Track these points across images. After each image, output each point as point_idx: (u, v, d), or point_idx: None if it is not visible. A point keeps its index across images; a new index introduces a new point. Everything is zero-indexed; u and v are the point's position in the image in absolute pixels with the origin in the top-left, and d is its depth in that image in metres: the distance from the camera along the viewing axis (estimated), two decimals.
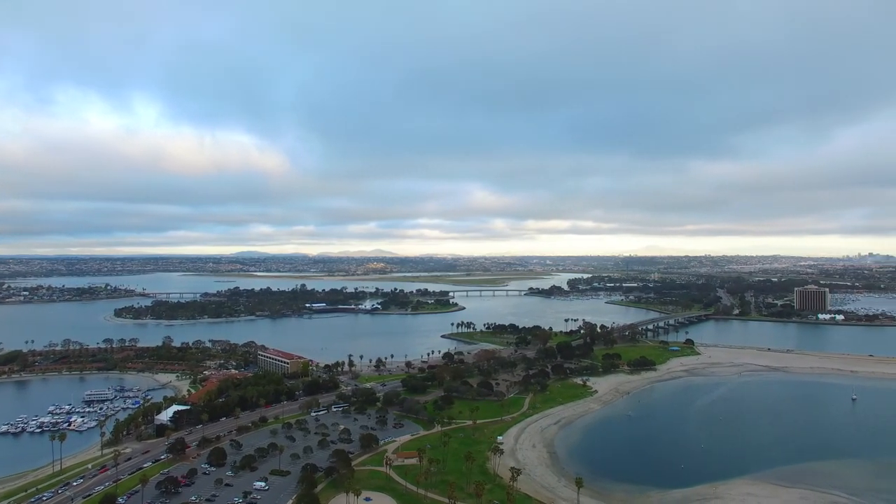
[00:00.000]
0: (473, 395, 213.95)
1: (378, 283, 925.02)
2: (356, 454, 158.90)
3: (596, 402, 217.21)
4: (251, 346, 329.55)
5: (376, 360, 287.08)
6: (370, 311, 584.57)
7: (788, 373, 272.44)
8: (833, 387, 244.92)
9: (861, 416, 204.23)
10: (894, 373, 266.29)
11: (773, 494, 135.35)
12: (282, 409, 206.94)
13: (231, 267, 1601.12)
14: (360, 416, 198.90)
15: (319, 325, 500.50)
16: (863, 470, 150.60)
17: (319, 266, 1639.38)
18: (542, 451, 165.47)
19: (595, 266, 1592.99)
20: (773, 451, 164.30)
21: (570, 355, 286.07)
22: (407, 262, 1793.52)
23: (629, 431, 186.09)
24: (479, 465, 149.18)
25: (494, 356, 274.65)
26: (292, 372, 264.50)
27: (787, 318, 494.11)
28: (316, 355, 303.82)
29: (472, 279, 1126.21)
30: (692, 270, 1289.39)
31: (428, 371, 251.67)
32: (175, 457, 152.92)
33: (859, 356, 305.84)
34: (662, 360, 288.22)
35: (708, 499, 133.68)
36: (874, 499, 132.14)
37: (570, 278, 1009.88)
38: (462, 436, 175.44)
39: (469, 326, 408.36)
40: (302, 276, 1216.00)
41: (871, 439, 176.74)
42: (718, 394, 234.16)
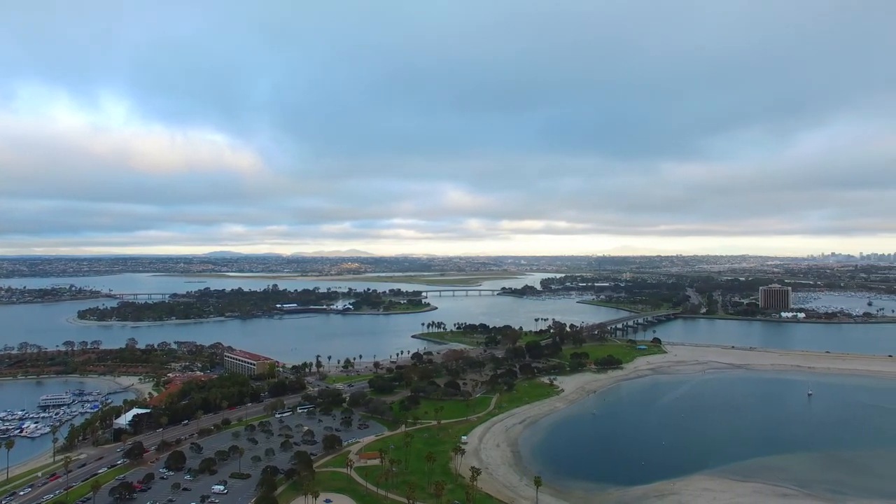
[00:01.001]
0: (440, 395, 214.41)
1: (351, 284, 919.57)
2: (319, 456, 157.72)
3: (562, 401, 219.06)
4: (218, 347, 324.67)
5: (345, 361, 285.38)
6: (342, 312, 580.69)
7: (750, 370, 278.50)
8: (791, 383, 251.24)
9: (815, 410, 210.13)
10: (848, 368, 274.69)
11: (727, 489, 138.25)
12: (245, 411, 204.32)
13: (203, 267, 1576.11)
14: (326, 417, 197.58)
15: (290, 325, 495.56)
16: (813, 462, 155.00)
17: (293, 266, 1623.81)
18: (506, 451, 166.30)
19: (568, 266, 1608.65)
20: (731, 447, 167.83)
21: (538, 355, 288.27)
22: (382, 262, 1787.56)
23: (593, 430, 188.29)
24: (442, 465, 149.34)
25: (463, 356, 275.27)
26: (259, 373, 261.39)
27: (751, 316, 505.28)
28: (285, 356, 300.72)
29: (446, 279, 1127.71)
30: (663, 270, 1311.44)
31: (396, 371, 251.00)
32: (132, 462, 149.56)
33: (817, 353, 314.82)
34: (629, 359, 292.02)
35: (665, 495, 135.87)
36: (821, 489, 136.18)
37: (543, 278, 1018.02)
38: (427, 436, 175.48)
39: (440, 326, 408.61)
40: (275, 276, 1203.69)
41: (823, 432, 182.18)
42: (682, 391, 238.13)
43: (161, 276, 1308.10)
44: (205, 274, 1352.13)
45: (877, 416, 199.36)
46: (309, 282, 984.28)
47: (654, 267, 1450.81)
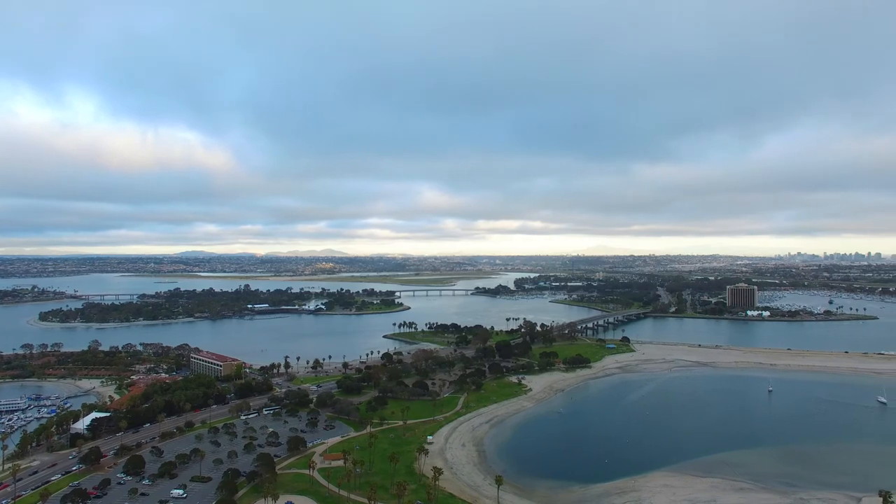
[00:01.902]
0: (408, 396, 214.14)
1: (325, 284, 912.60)
2: (283, 457, 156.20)
3: (530, 400, 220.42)
4: (184, 348, 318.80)
5: (314, 362, 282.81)
6: (314, 312, 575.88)
7: (715, 367, 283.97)
8: (753, 379, 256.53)
9: (775, 406, 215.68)
10: (807, 365, 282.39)
11: (687, 485, 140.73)
12: (210, 413, 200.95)
13: (174, 267, 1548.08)
14: (292, 418, 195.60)
15: (261, 326, 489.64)
16: (769, 457, 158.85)
17: (267, 266, 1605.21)
18: (472, 450, 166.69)
19: (543, 266, 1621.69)
20: (693, 443, 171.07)
21: (508, 354, 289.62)
22: (356, 262, 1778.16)
23: (559, 428, 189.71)
24: (407, 465, 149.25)
25: (432, 356, 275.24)
26: (225, 375, 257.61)
27: (719, 314, 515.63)
28: (255, 357, 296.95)
29: (420, 279, 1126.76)
30: (636, 270, 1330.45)
31: (364, 372, 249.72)
32: (88, 467, 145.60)
33: (778, 350, 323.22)
34: (598, 358, 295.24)
35: (626, 492, 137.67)
36: (775, 483, 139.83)
37: (517, 278, 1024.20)
38: (393, 436, 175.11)
39: (411, 326, 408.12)
40: (248, 276, 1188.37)
41: (781, 427, 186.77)
42: (648, 389, 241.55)
43: (130, 276, 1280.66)
44: (176, 274, 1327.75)
45: (831, 411, 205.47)
46: (282, 282, 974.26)
47: (627, 266, 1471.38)
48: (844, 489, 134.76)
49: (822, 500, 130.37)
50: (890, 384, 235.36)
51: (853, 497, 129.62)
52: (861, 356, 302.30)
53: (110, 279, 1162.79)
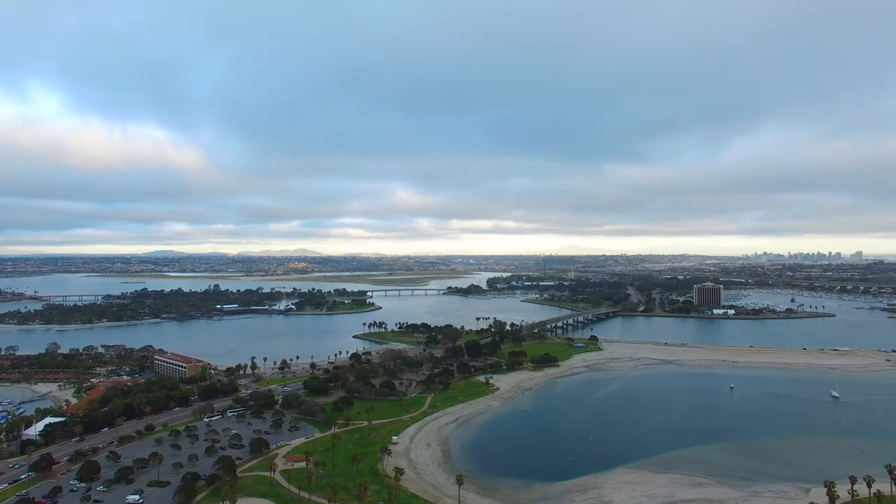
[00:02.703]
0: (375, 396, 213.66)
1: (297, 284, 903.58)
2: (245, 460, 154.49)
3: (497, 399, 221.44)
4: (148, 350, 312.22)
5: (281, 362, 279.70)
6: (284, 312, 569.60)
7: (680, 365, 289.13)
8: (716, 376, 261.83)
9: (735, 402, 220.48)
10: (767, 361, 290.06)
11: (647, 481, 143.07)
12: (172, 416, 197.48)
13: (142, 267, 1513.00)
14: (256, 419, 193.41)
15: (229, 326, 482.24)
16: (727, 452, 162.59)
17: (238, 266, 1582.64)
18: (437, 450, 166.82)
19: (516, 265, 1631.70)
20: (655, 440, 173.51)
21: (477, 353, 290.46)
22: (330, 262, 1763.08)
23: (524, 427, 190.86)
24: (370, 465, 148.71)
25: (401, 356, 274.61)
26: (190, 376, 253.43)
27: (686, 313, 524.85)
28: (222, 358, 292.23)
29: (393, 279, 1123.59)
30: (608, 269, 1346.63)
31: (332, 372, 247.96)
32: (39, 475, 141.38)
33: (741, 348, 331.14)
34: (566, 357, 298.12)
35: (588, 489, 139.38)
36: (731, 477, 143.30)
37: (489, 277, 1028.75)
38: (358, 437, 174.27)
39: (381, 326, 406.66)
40: (218, 276, 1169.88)
41: (740, 423, 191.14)
42: (614, 387, 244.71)
43: (95, 276, 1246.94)
44: (144, 274, 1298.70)
45: (787, 406, 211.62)
46: (253, 282, 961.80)
47: (599, 266, 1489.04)
48: (795, 481, 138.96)
49: (773, 492, 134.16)
50: (842, 379, 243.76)
51: (802, 488, 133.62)
52: (818, 352, 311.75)
53: (74, 279, 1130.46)
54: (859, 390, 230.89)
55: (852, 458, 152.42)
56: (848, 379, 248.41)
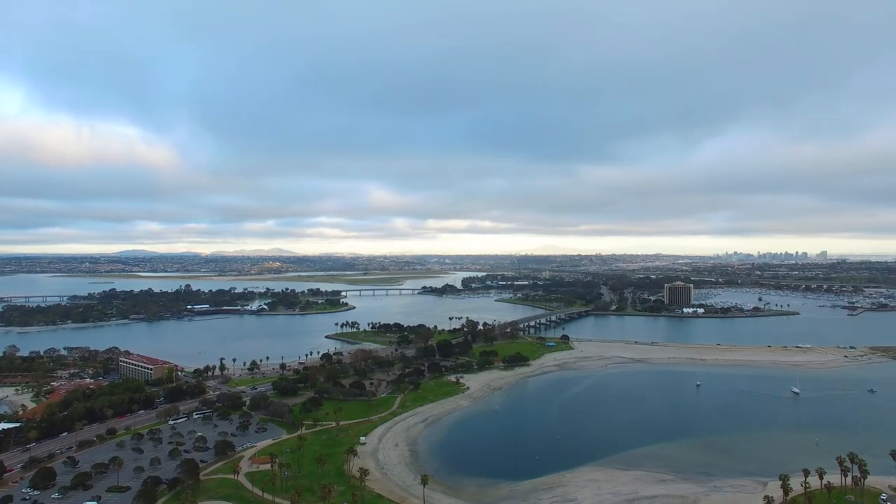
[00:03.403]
0: (344, 396, 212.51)
1: (271, 283, 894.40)
2: (209, 462, 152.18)
3: (466, 398, 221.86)
4: (113, 352, 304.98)
5: (251, 363, 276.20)
6: (256, 312, 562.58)
7: (649, 364, 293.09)
8: (684, 374, 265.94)
9: (701, 400, 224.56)
10: (733, 359, 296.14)
11: (612, 478, 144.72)
12: (136, 419, 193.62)
13: (111, 267, 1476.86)
14: (223, 421, 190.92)
15: (200, 327, 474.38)
16: (691, 449, 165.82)
17: (211, 266, 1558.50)
18: (405, 450, 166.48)
19: (492, 265, 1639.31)
20: (621, 438, 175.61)
21: (449, 353, 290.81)
22: (305, 262, 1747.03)
23: (493, 427, 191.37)
24: (337, 466, 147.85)
25: (372, 356, 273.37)
26: (156, 378, 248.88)
27: (657, 312, 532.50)
28: (191, 360, 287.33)
29: (368, 278, 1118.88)
30: (582, 269, 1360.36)
31: (301, 372, 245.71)
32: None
33: (709, 346, 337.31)
34: (537, 356, 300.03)
35: (553, 487, 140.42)
36: (694, 473, 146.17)
37: (464, 277, 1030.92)
38: (325, 437, 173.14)
39: (353, 326, 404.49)
40: (191, 276, 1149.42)
41: (705, 420, 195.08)
42: (583, 386, 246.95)
43: (62, 276, 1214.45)
44: (113, 274, 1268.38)
45: (750, 402, 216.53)
46: (226, 282, 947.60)
47: (573, 266, 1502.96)
48: (754, 475, 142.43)
49: (733, 487, 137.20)
50: (803, 375, 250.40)
51: (760, 482, 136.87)
52: (781, 349, 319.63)
53: (39, 280, 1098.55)
54: (818, 386, 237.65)
55: (809, 451, 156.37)
56: (808, 375, 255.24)
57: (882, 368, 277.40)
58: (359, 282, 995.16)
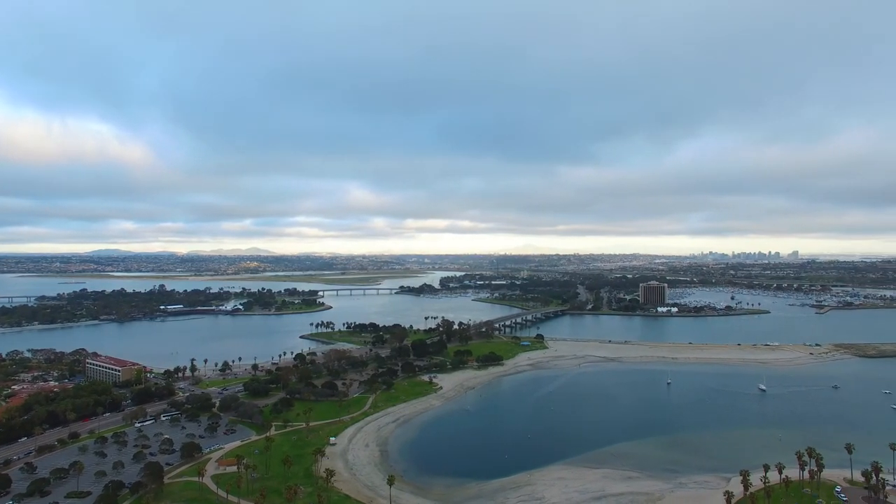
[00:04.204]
0: (316, 396, 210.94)
1: (247, 283, 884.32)
2: (175, 465, 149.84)
3: (439, 398, 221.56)
4: (80, 353, 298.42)
5: (222, 364, 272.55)
6: (231, 313, 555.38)
7: (622, 362, 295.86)
8: (655, 373, 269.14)
9: (672, 398, 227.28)
10: (704, 357, 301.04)
11: (579, 476, 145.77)
12: (101, 422, 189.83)
13: (83, 267, 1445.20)
14: (191, 423, 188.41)
15: (173, 328, 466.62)
16: (658, 446, 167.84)
17: (187, 265, 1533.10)
18: (374, 450, 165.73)
19: (471, 264, 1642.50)
20: (591, 436, 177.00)
21: (424, 353, 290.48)
22: (282, 261, 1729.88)
23: (464, 426, 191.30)
24: (305, 468, 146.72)
25: (345, 356, 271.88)
26: (124, 380, 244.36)
27: (632, 311, 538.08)
28: (164, 361, 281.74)
29: (346, 278, 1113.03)
30: (560, 268, 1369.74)
31: (274, 373, 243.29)
32: None
33: (681, 344, 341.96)
34: (511, 356, 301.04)
35: (521, 486, 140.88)
36: (660, 470, 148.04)
37: (443, 276, 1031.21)
38: (295, 438, 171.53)
39: (329, 326, 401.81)
40: (166, 276, 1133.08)
41: (674, 418, 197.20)
42: (556, 385, 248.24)
43: (31, 276, 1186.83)
44: (85, 274, 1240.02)
45: (718, 399, 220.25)
46: (202, 282, 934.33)
47: (552, 265, 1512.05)
48: (718, 471, 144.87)
49: (697, 483, 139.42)
50: (770, 373, 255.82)
51: (724, 478, 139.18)
52: (750, 348, 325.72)
53: (6, 280, 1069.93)
54: (784, 383, 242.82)
55: (772, 447, 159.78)
56: (775, 372, 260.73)
57: (845, 365, 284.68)
58: (336, 281, 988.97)
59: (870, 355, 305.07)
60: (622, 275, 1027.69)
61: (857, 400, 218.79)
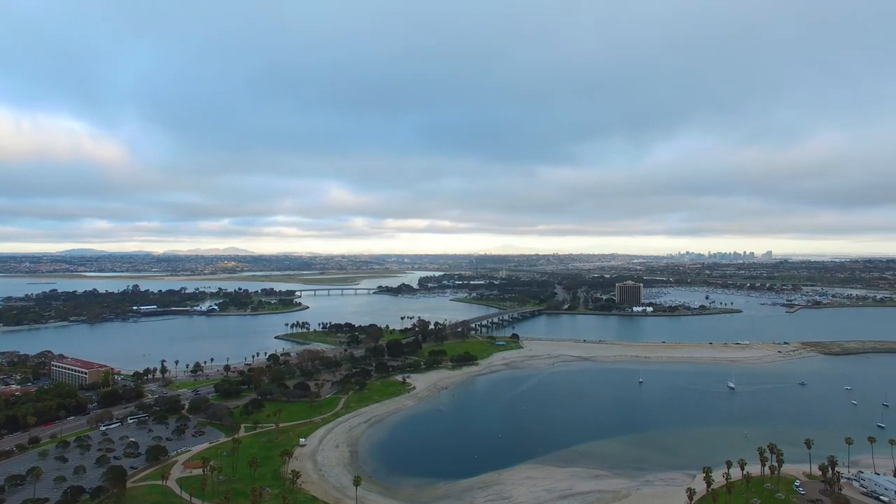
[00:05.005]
0: (288, 397, 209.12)
1: (224, 283, 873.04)
2: (140, 469, 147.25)
3: (412, 398, 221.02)
4: (46, 356, 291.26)
5: (194, 365, 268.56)
6: (206, 313, 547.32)
7: (595, 361, 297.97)
8: (628, 372, 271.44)
9: (643, 396, 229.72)
10: (676, 356, 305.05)
11: (548, 475, 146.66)
12: (64, 426, 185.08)
13: (54, 267, 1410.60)
14: (158, 426, 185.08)
15: (145, 329, 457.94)
16: (628, 444, 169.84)
17: (164, 265, 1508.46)
18: (345, 451, 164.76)
19: (450, 264, 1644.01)
20: (561, 435, 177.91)
21: (398, 353, 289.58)
22: (261, 261, 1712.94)
23: (436, 426, 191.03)
24: (273, 469, 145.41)
25: (319, 356, 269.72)
26: (91, 383, 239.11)
27: (608, 311, 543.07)
28: (134, 363, 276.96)
29: (324, 278, 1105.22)
30: (540, 268, 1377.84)
31: (246, 374, 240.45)
32: None
33: (654, 343, 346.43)
34: (486, 355, 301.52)
35: (490, 485, 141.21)
36: (628, 468, 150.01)
37: (421, 276, 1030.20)
38: (265, 440, 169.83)
39: (304, 327, 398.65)
40: (141, 276, 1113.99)
41: (644, 416, 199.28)
42: (529, 384, 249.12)
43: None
44: (56, 274, 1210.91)
45: (688, 398, 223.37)
46: (178, 282, 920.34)
47: (531, 265, 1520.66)
48: (684, 469, 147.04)
49: (663, 480, 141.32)
50: (739, 371, 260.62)
51: (689, 475, 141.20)
52: (721, 346, 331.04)
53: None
54: (752, 380, 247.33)
55: (737, 443, 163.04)
56: (744, 370, 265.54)
57: (811, 362, 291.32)
58: (315, 281, 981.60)
59: (834, 353, 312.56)
60: (600, 275, 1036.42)
61: (820, 396, 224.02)
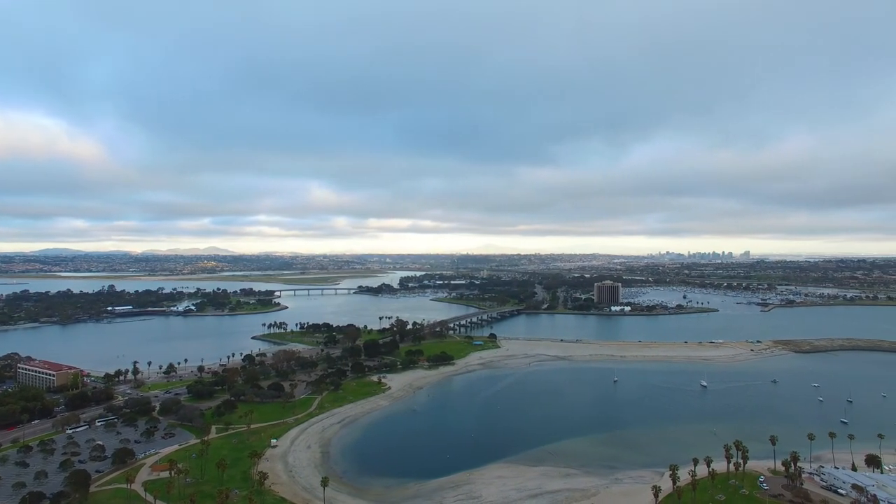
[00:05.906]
0: (262, 398, 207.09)
1: (203, 283, 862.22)
2: (105, 472, 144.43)
3: (387, 398, 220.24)
4: (12, 358, 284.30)
5: (167, 366, 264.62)
6: (183, 314, 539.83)
7: (571, 361, 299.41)
8: (603, 371, 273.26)
9: (617, 395, 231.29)
10: (651, 355, 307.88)
11: (519, 475, 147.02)
12: (28, 430, 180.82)
13: (28, 266, 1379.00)
14: (127, 428, 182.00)
15: (120, 330, 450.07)
16: (600, 443, 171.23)
17: (142, 265, 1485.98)
18: (317, 452, 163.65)
19: (432, 264, 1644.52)
20: (534, 434, 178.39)
21: (375, 353, 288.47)
22: (241, 261, 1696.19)
23: (410, 426, 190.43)
24: (243, 471, 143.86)
25: (295, 356, 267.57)
26: (59, 385, 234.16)
27: (587, 310, 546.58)
28: (106, 364, 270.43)
29: (305, 278, 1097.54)
30: (521, 268, 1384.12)
31: (219, 375, 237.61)
32: None
33: (630, 342, 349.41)
34: (463, 355, 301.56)
35: (460, 485, 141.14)
36: (598, 466, 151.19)
37: (402, 276, 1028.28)
38: (236, 441, 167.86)
39: (281, 327, 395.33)
40: (118, 276, 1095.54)
41: (617, 414, 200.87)
42: (505, 384, 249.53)
43: None
44: (29, 274, 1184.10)
45: (661, 396, 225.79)
46: (155, 282, 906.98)
47: (512, 265, 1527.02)
48: (654, 466, 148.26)
49: (633, 478, 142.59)
50: (712, 369, 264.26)
51: (658, 472, 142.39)
52: (696, 345, 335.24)
53: None
54: (725, 378, 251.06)
55: (706, 441, 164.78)
56: (717, 369, 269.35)
57: (783, 360, 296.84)
58: (295, 281, 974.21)
59: (804, 351, 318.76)
60: (581, 275, 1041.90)
61: (789, 394, 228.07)
